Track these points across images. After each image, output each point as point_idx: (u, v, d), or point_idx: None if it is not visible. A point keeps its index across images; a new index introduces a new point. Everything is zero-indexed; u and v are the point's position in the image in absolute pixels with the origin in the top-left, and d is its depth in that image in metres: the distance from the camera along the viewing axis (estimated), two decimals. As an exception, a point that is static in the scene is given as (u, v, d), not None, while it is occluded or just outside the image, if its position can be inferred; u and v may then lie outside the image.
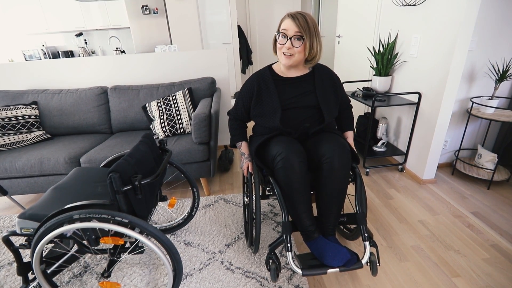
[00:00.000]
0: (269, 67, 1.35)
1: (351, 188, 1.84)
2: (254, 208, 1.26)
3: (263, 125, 1.31)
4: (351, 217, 1.23)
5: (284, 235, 1.10)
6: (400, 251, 1.48)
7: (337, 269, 1.03)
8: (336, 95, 1.34)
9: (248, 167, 1.38)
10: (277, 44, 1.23)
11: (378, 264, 1.09)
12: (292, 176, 1.11)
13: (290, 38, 1.16)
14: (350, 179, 1.25)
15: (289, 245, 1.08)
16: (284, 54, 1.21)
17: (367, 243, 1.10)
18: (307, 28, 1.14)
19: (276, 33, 1.22)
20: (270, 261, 1.14)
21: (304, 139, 1.30)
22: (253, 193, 1.29)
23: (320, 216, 1.19)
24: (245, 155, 1.40)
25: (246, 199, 1.45)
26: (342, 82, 1.44)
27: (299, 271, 1.04)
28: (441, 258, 1.42)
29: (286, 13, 1.19)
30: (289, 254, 1.07)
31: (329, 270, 1.03)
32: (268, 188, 1.34)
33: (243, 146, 1.42)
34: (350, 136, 1.46)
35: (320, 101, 1.28)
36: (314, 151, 1.20)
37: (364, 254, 1.08)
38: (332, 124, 1.39)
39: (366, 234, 1.11)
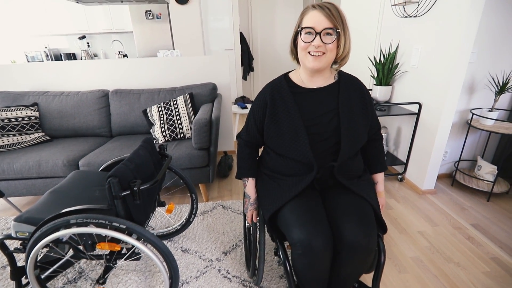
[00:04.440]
0: (285, 75, 1.07)
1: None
2: (257, 239, 1.11)
3: (280, 153, 1.03)
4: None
5: None
6: (400, 262, 1.46)
7: None
8: (365, 116, 1.03)
9: (252, 216, 1.13)
10: (299, 44, 0.95)
11: None
12: (313, 264, 0.90)
13: (319, 33, 0.89)
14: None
15: None
16: (310, 55, 0.93)
17: None
18: (340, 19, 0.90)
19: (299, 28, 0.93)
20: None
21: (324, 185, 1.04)
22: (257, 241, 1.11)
23: None
24: (250, 199, 1.13)
25: (247, 223, 1.20)
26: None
27: None
28: (440, 270, 1.41)
29: (307, 6, 0.94)
30: None
31: None
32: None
33: (249, 186, 1.13)
34: (381, 181, 1.15)
35: (342, 123, 0.97)
36: (332, 222, 0.95)
37: None
38: (356, 162, 1.06)
39: None
